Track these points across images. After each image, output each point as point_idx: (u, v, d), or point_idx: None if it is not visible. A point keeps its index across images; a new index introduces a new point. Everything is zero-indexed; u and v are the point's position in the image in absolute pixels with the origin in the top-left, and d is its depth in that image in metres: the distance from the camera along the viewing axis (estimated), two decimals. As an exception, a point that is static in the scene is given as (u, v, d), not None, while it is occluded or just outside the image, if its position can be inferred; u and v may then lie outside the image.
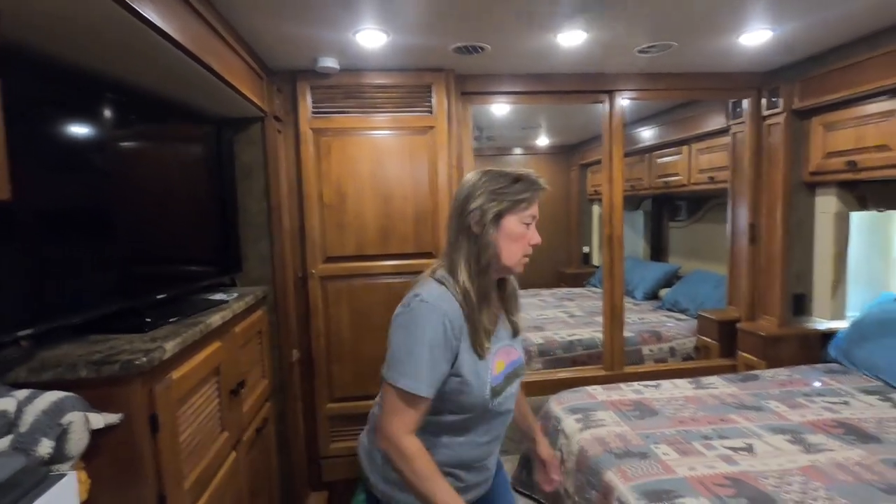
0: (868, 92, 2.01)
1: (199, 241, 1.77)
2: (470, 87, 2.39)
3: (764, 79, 2.49)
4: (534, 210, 1.07)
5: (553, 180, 5.02)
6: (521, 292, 1.24)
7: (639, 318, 3.41)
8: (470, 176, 1.10)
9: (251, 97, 1.78)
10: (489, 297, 1.08)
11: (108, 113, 1.28)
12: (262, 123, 2.03)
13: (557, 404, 2.09)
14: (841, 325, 2.41)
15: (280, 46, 1.88)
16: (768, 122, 2.49)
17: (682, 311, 3.51)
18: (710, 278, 3.49)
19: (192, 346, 1.28)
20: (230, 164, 1.99)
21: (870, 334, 2.22)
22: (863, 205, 2.37)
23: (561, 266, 5.15)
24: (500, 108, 3.16)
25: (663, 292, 3.94)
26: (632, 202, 4.67)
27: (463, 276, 1.05)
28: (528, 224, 1.07)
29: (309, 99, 2.19)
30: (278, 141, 2.13)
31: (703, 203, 3.92)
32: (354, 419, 2.35)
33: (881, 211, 2.38)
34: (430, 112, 2.27)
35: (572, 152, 5.12)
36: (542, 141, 4.80)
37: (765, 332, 2.45)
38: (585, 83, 2.46)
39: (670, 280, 4.06)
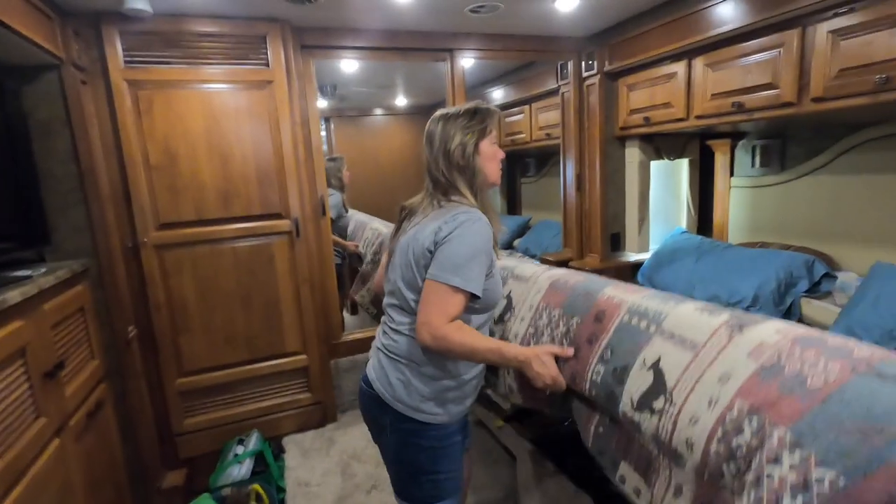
0: (656, 57, 2.37)
1: (-16, 210, 1.52)
2: (310, 40, 2.31)
3: (583, 43, 2.79)
4: (496, 131, 1.27)
5: (414, 141, 5.15)
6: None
7: (495, 267, 3.71)
8: (433, 124, 1.27)
9: (35, 39, 1.53)
10: (495, 210, 1.28)
11: None
12: (58, 73, 1.76)
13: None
14: (646, 256, 2.89)
15: (70, -19, 1.63)
16: (587, 83, 2.81)
17: (532, 257, 3.88)
18: (553, 226, 3.90)
19: (-19, 326, 1.14)
20: (20, 120, 1.71)
21: (665, 261, 2.72)
22: (658, 155, 2.83)
23: (428, 225, 5.34)
24: (350, 66, 3.09)
25: (517, 242, 4.32)
26: (488, 161, 4.95)
27: (472, 199, 1.22)
28: (495, 143, 1.27)
29: (119, 46, 1.94)
30: (84, 94, 1.87)
31: (548, 159, 4.32)
32: (211, 391, 2.27)
33: (671, 159, 2.87)
34: (267, 65, 2.16)
35: (431, 113, 5.23)
36: (401, 101, 4.83)
37: (589, 267, 2.85)
38: (428, 41, 2.52)
39: (523, 230, 4.47)
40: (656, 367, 0.97)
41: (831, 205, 2.26)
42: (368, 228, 3.01)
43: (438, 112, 1.28)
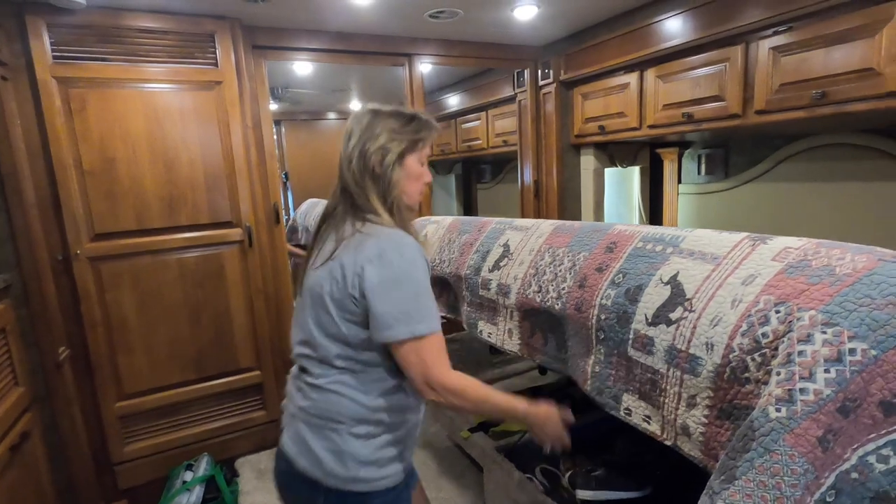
0: (609, 67, 2.44)
1: None
2: (262, 40, 2.21)
3: (539, 52, 2.83)
4: (428, 149, 1.08)
5: (369, 146, 5.07)
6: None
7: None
8: (360, 114, 1.05)
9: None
10: (413, 230, 1.07)
11: None
12: (-26, 67, 1.58)
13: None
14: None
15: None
16: (543, 91, 2.86)
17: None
18: (509, 232, 3.94)
19: None
20: (-73, 118, 1.52)
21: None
22: (612, 162, 2.91)
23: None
24: (303, 68, 3.00)
25: (474, 248, 4.32)
26: (445, 167, 4.96)
27: (387, 218, 1.02)
28: (424, 165, 1.08)
29: (46, 39, 1.77)
30: (5, 91, 1.69)
31: (504, 165, 4.36)
32: (154, 414, 2.10)
33: (624, 167, 2.97)
34: (216, 65, 2.04)
35: (387, 118, 5.16)
36: (356, 105, 4.74)
37: (548, 272, 2.88)
38: (386, 45, 2.48)
39: (479, 236, 4.48)
40: (674, 281, 0.99)
41: (770, 211, 2.40)
42: None
43: (369, 105, 1.07)
